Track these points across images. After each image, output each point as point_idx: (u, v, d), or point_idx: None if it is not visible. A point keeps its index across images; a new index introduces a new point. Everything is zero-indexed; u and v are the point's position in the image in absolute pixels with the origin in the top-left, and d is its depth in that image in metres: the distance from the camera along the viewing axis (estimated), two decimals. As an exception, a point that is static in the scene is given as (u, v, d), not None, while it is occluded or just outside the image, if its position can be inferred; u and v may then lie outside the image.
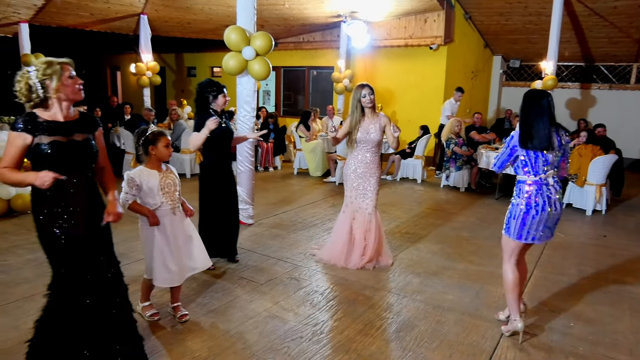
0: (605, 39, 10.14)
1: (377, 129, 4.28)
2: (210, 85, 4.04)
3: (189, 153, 8.46)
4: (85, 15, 9.21)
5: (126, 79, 15.53)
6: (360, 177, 4.35)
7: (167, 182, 3.09)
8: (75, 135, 2.34)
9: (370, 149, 4.32)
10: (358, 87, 4.27)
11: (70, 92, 2.31)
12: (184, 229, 3.21)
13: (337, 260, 4.41)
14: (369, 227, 4.38)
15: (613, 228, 6.11)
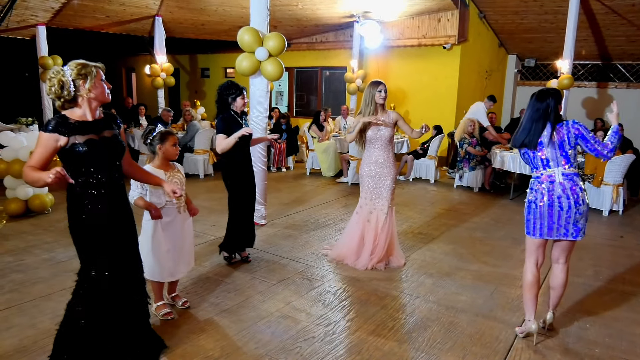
0: (622, 37, 9.96)
1: (388, 124, 4.32)
2: (229, 88, 4.16)
3: (202, 153, 8.53)
4: (101, 18, 9.33)
5: (141, 80, 15.70)
6: (376, 178, 4.35)
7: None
8: (105, 133, 2.43)
9: (381, 146, 4.32)
10: (374, 84, 4.26)
11: (100, 93, 2.41)
12: (184, 229, 3.28)
13: (347, 259, 4.44)
14: (383, 228, 4.37)
15: (630, 229, 6.01)
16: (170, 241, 3.19)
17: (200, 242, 4.98)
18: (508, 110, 12.64)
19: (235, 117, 4.16)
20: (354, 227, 4.49)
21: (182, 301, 3.50)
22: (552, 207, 3.00)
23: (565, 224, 3.03)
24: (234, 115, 4.17)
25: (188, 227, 3.33)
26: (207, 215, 5.90)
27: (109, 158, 2.43)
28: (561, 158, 3.03)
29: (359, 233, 4.42)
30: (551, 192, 3.01)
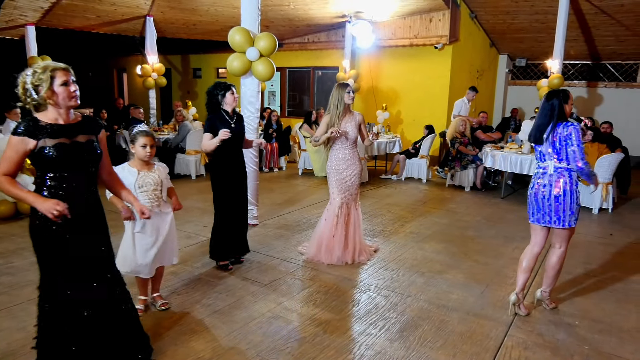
0: (612, 37, 10.07)
1: (353, 126, 4.46)
2: (217, 87, 4.14)
3: (194, 154, 8.50)
4: (91, 18, 9.27)
5: (132, 80, 15.62)
6: (343, 174, 4.49)
7: (146, 181, 3.14)
8: (78, 137, 2.34)
9: (348, 145, 4.48)
10: (342, 85, 4.43)
11: (61, 99, 2.27)
12: (162, 226, 3.24)
13: (324, 257, 4.49)
14: (354, 221, 4.54)
15: (619, 226, 6.07)
16: (147, 238, 3.18)
17: (191, 243, 4.96)
18: (499, 109, 12.73)
19: (224, 117, 4.10)
20: (323, 224, 4.57)
21: (161, 302, 3.47)
22: (537, 195, 3.40)
23: (548, 211, 3.37)
24: (224, 115, 4.12)
25: (167, 224, 3.28)
26: (199, 216, 5.88)
27: (80, 163, 2.34)
28: (553, 153, 3.35)
29: (329, 230, 4.50)
30: (540, 182, 3.40)
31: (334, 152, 4.52)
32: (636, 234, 5.74)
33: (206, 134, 4.07)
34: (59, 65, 2.29)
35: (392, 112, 10.74)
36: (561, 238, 3.47)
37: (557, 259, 3.52)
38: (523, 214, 6.49)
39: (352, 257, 4.54)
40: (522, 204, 7.10)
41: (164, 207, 3.27)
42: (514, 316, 3.51)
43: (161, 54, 10.79)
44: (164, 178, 3.28)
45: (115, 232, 3.22)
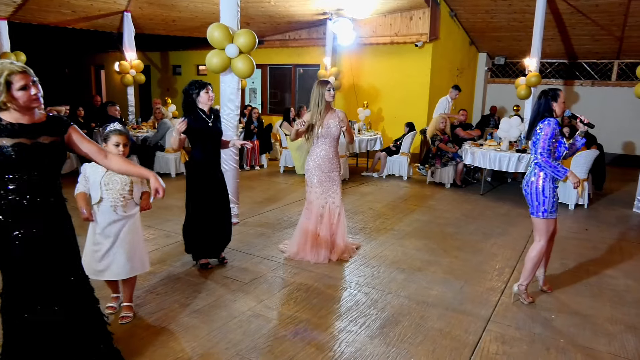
0: (587, 37, 10.27)
1: (336, 123, 4.44)
2: (192, 85, 4.05)
3: (173, 152, 8.39)
4: (67, 13, 9.06)
5: (110, 77, 15.35)
6: (326, 172, 4.48)
7: (113, 179, 3.06)
8: (41, 138, 2.24)
9: (330, 143, 4.47)
10: (322, 83, 4.38)
11: (20, 103, 2.18)
12: (120, 229, 3.11)
13: (307, 256, 4.48)
14: (337, 221, 4.54)
15: (595, 222, 6.20)
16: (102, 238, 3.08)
17: (170, 242, 4.90)
18: (479, 107, 12.89)
19: (200, 116, 4.00)
20: (305, 223, 4.53)
21: (123, 314, 3.27)
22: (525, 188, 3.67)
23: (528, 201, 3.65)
24: (201, 114, 4.01)
25: (130, 228, 3.15)
26: (178, 215, 5.79)
27: (42, 165, 2.25)
28: (533, 148, 3.60)
29: (313, 229, 4.48)
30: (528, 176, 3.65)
31: (315, 149, 4.50)
32: (610, 229, 5.88)
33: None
34: (15, 68, 2.15)
35: (373, 110, 10.78)
36: (537, 230, 3.62)
37: (535, 252, 3.63)
38: (501, 210, 6.60)
39: (337, 254, 4.53)
40: (500, 200, 7.21)
41: (129, 209, 3.13)
42: (492, 310, 3.56)
43: (140, 51, 10.62)
44: (135, 179, 3.14)
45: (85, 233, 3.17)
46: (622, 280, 4.27)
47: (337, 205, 4.54)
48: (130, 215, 3.16)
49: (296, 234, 4.65)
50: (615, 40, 10.17)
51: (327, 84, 4.37)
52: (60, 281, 2.37)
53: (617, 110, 11.06)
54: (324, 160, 4.46)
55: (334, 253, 4.53)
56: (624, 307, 3.72)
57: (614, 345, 3.14)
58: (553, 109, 3.53)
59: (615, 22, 9.33)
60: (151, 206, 3.23)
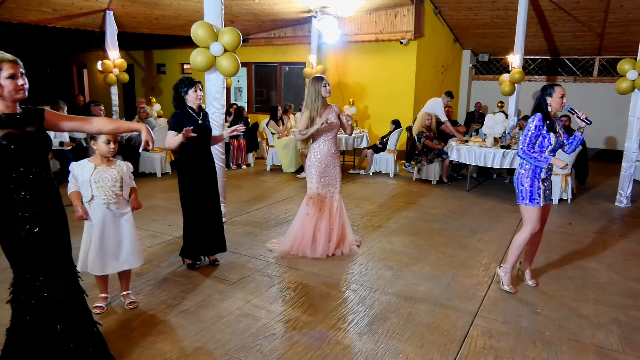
0: (569, 33, 10.42)
1: (334, 118, 4.52)
2: (181, 82, 4.04)
3: (159, 152, 8.31)
4: (47, 11, 8.90)
5: (93, 76, 15.13)
6: (327, 168, 4.53)
7: (103, 177, 3.08)
8: (26, 127, 2.28)
9: (331, 138, 4.54)
10: (317, 79, 4.45)
11: (7, 92, 2.20)
12: (114, 225, 3.17)
13: (305, 251, 4.50)
14: (336, 215, 4.57)
15: (578, 216, 6.30)
16: (97, 235, 3.10)
17: (157, 242, 4.86)
18: (464, 104, 12.99)
19: (190, 114, 4.02)
20: (305, 219, 4.55)
21: (129, 301, 3.42)
22: None
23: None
24: (190, 112, 4.04)
25: (124, 223, 3.21)
26: (164, 215, 5.76)
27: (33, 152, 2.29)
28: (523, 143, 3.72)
29: (312, 224, 4.51)
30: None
31: (316, 146, 4.52)
32: (594, 223, 5.98)
33: (170, 131, 3.96)
34: (6, 57, 2.20)
35: (359, 107, 10.79)
36: (523, 216, 3.82)
37: (521, 238, 3.81)
38: (487, 206, 6.67)
39: (339, 249, 4.57)
40: (486, 196, 7.28)
41: (122, 206, 3.19)
42: (479, 305, 3.59)
43: (123, 49, 10.48)
44: (125, 175, 3.19)
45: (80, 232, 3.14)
46: (605, 273, 4.34)
47: (336, 199, 4.58)
48: (124, 212, 3.20)
49: (292, 230, 4.65)
50: (596, 36, 10.33)
51: (322, 80, 4.44)
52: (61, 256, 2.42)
53: (598, 105, 11.24)
54: (325, 156, 4.51)
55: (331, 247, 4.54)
56: (607, 299, 3.78)
57: (599, 337, 3.20)
58: (548, 103, 3.62)
59: (596, 19, 9.48)
60: (141, 205, 3.30)
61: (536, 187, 3.68)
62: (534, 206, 3.70)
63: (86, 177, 3.05)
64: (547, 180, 3.77)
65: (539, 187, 3.69)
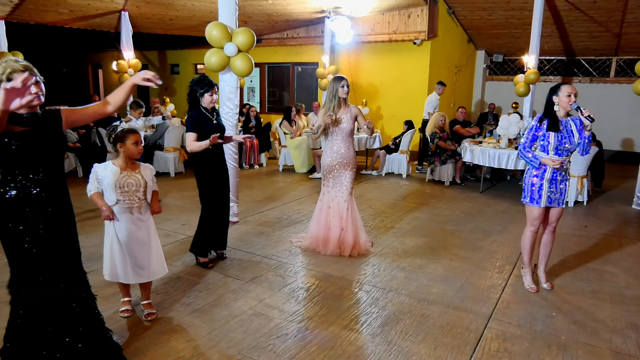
0: (585, 33, 10.27)
1: (348, 118, 4.53)
2: (199, 83, 4.06)
3: (173, 151, 8.38)
4: (64, 12, 9.03)
5: (108, 77, 15.30)
6: (337, 168, 4.57)
7: (128, 182, 3.03)
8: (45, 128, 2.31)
9: (342, 138, 4.55)
10: (337, 79, 4.50)
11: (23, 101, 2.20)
12: (139, 231, 3.11)
13: (318, 247, 4.62)
14: (347, 216, 4.59)
15: (594, 218, 6.21)
16: (122, 241, 3.07)
17: (171, 241, 4.89)
18: (478, 104, 12.88)
19: (205, 114, 4.07)
20: (317, 214, 4.70)
21: (147, 312, 3.30)
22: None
23: None
24: (204, 111, 4.08)
25: (146, 230, 3.16)
26: (178, 214, 5.81)
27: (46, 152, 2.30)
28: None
29: (324, 220, 4.62)
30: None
31: (328, 144, 4.58)
32: (609, 225, 5.89)
33: (191, 134, 4.00)
34: (18, 66, 2.19)
35: (372, 108, 10.77)
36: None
37: (523, 237, 3.95)
38: (500, 208, 6.60)
39: (348, 250, 4.57)
40: (500, 198, 7.21)
41: (145, 211, 3.13)
42: (493, 308, 3.56)
43: (137, 50, 10.58)
44: (149, 179, 3.15)
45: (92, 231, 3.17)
46: (622, 276, 4.27)
47: (344, 200, 4.57)
48: (146, 218, 3.15)
49: (311, 226, 4.79)
50: (613, 36, 10.17)
51: (342, 80, 4.47)
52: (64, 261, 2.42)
53: (615, 107, 11.07)
54: (336, 155, 4.55)
55: (344, 248, 4.58)
56: (624, 303, 3.72)
57: (615, 341, 3.15)
58: (555, 103, 3.60)
59: (613, 19, 9.33)
60: (161, 209, 3.27)
61: (538, 186, 3.69)
62: (533, 205, 3.74)
63: (111, 182, 2.99)
64: (558, 183, 3.68)
65: (541, 187, 3.67)
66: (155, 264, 3.22)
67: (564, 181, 3.71)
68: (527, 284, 3.93)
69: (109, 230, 3.09)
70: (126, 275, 3.13)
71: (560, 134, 3.59)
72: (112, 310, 3.35)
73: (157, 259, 3.24)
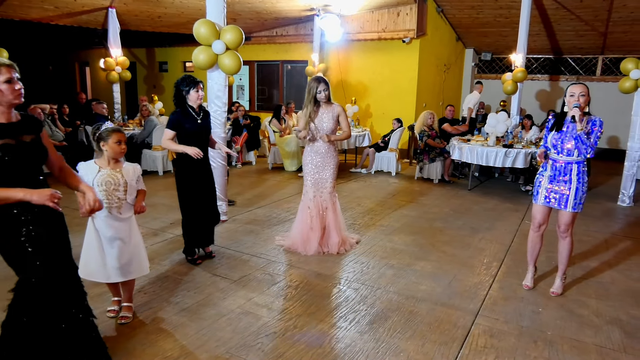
0: (572, 32, 10.38)
1: (330, 118, 4.49)
2: (183, 81, 4.06)
3: (161, 150, 8.32)
4: (50, 9, 8.91)
5: (95, 74, 15.14)
6: (318, 167, 4.56)
7: (107, 180, 2.99)
8: (23, 137, 2.24)
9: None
10: (314, 81, 4.41)
11: (4, 97, 2.17)
12: (119, 230, 3.07)
13: (298, 246, 4.59)
14: (329, 214, 4.59)
15: (580, 215, 6.14)
16: (101, 239, 3.04)
17: (158, 240, 4.86)
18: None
19: (190, 113, 4.03)
20: (299, 215, 4.68)
21: (122, 315, 3.23)
22: None
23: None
24: (190, 110, 4.05)
25: (127, 229, 3.11)
26: (165, 213, 5.77)
27: (28, 164, 2.25)
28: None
29: (305, 220, 4.59)
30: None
31: (309, 144, 4.57)
32: (596, 222, 5.97)
33: (168, 131, 3.99)
34: (3, 61, 2.17)
35: (361, 106, 10.78)
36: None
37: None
38: (488, 205, 6.65)
39: (332, 248, 4.58)
40: (488, 195, 7.27)
41: (125, 211, 3.08)
42: (480, 304, 3.59)
43: (125, 47, 10.50)
44: (130, 179, 3.09)
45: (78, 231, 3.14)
46: (607, 272, 4.33)
47: (325, 199, 4.57)
48: (126, 218, 3.10)
49: (293, 226, 4.77)
50: (599, 35, 10.29)
51: (320, 82, 4.38)
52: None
53: (601, 105, 11.15)
54: (316, 154, 4.53)
55: (325, 246, 4.58)
56: (609, 299, 3.78)
57: (600, 336, 3.19)
58: (565, 103, 3.66)
59: (599, 18, 9.44)
60: (145, 208, 3.19)
61: (537, 182, 3.79)
62: (534, 202, 3.85)
63: (90, 179, 2.97)
64: (558, 183, 3.64)
65: (540, 184, 3.76)
66: (135, 264, 3.17)
67: (563, 181, 3.61)
68: (524, 281, 3.98)
69: (89, 228, 3.07)
70: (103, 274, 3.08)
71: (561, 132, 3.62)
72: (99, 310, 3.30)
73: (137, 259, 3.18)
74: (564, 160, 3.61)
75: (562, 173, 3.63)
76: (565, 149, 3.60)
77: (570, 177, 3.61)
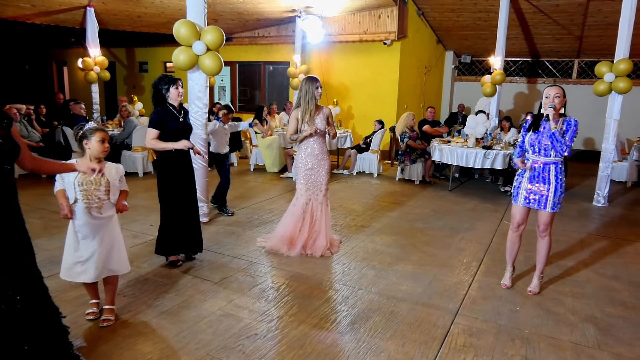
0: (549, 36, 10.60)
1: (322, 118, 4.53)
2: (162, 80, 4.02)
3: (141, 151, 8.21)
4: (26, 7, 8.72)
5: (73, 74, 14.87)
6: (312, 169, 4.56)
7: (87, 180, 2.97)
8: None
9: (316, 139, 4.54)
10: (311, 80, 4.44)
11: None
12: (99, 230, 3.05)
13: (281, 248, 4.57)
14: (320, 218, 4.59)
15: (557, 215, 6.33)
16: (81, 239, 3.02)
17: (138, 242, 4.80)
18: (447, 104, 13.12)
19: (172, 111, 4.00)
20: (289, 218, 4.64)
21: (103, 317, 3.20)
22: None
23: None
24: (171, 109, 4.02)
25: (107, 229, 3.09)
26: (146, 215, 5.70)
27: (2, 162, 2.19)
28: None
29: (295, 224, 4.57)
30: None
31: (302, 147, 4.55)
32: (572, 222, 6.10)
33: (152, 130, 3.94)
34: None
35: (343, 107, 10.82)
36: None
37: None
38: (468, 206, 6.74)
39: (319, 251, 4.56)
40: (468, 196, 7.36)
41: (106, 210, 3.07)
42: (460, 304, 3.64)
43: (104, 47, 10.34)
44: (113, 179, 3.08)
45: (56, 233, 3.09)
46: (583, 271, 4.43)
47: (319, 202, 4.58)
48: (107, 217, 3.08)
49: (278, 228, 4.73)
50: (575, 39, 10.53)
51: (316, 81, 4.45)
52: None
53: (577, 107, 11.41)
54: (311, 157, 4.54)
55: (310, 248, 4.57)
56: (584, 297, 3.86)
57: (575, 334, 3.26)
58: (542, 105, 3.71)
59: (575, 22, 9.66)
60: (127, 207, 3.18)
61: (518, 183, 3.87)
62: (513, 203, 3.92)
63: (71, 179, 2.94)
64: (537, 184, 3.71)
65: (520, 185, 3.84)
66: (115, 261, 3.16)
67: (545, 183, 3.68)
68: (502, 280, 4.05)
69: (69, 230, 3.04)
70: (84, 274, 3.05)
71: (538, 132, 3.70)
72: (76, 313, 3.26)
73: (117, 258, 3.17)
74: (542, 161, 3.69)
75: (541, 174, 3.71)
76: (542, 148, 3.68)
77: (549, 177, 3.69)
